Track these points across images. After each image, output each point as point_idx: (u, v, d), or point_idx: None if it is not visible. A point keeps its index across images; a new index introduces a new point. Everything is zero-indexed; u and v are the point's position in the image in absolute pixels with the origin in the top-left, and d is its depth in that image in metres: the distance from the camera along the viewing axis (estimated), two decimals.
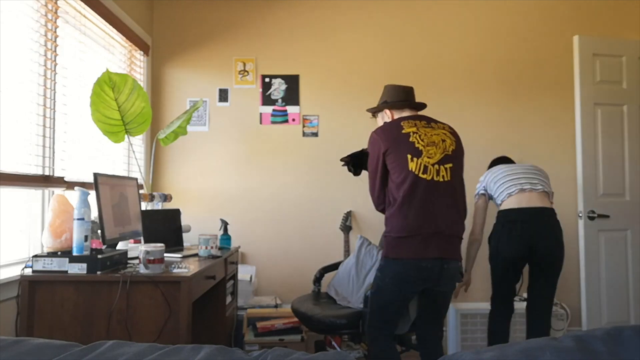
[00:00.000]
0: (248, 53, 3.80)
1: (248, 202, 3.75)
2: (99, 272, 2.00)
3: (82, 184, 2.70)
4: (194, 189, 3.76)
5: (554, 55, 3.80)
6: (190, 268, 2.16)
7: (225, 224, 3.17)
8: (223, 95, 3.79)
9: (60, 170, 2.53)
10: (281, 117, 3.77)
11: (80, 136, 2.78)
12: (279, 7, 3.82)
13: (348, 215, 3.62)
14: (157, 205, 3.29)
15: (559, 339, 0.94)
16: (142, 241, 2.68)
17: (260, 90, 3.78)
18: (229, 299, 3.05)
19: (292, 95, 3.78)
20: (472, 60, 3.80)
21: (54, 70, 2.46)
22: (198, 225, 3.72)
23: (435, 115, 3.75)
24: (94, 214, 2.40)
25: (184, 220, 3.73)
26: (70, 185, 2.56)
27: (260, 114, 3.78)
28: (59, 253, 2.06)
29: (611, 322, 3.55)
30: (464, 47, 3.80)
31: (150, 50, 3.77)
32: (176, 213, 3.00)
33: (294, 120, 3.77)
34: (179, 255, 2.58)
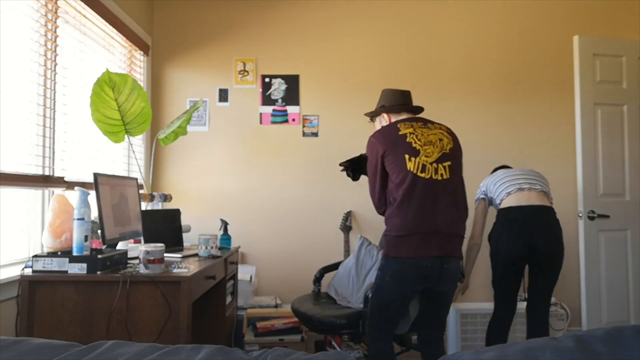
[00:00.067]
0: (248, 53, 3.80)
1: (248, 202, 3.75)
2: (99, 272, 2.00)
3: (82, 184, 2.70)
4: (194, 189, 3.76)
5: (554, 55, 3.80)
6: (190, 268, 2.16)
7: (225, 224, 3.17)
8: (223, 95, 3.79)
9: (60, 170, 2.53)
10: (281, 117, 3.77)
11: (80, 136, 2.78)
12: (279, 7, 3.82)
13: (348, 215, 3.63)
14: (157, 205, 3.29)
15: (559, 339, 0.94)
16: (142, 241, 2.68)
17: (260, 90, 3.78)
18: (229, 299, 3.05)
19: (292, 95, 3.78)
20: (473, 60, 3.80)
21: (54, 70, 2.46)
22: (198, 225, 3.72)
23: (436, 115, 3.75)
24: (94, 214, 2.40)
25: (184, 220, 3.73)
26: (70, 185, 2.56)
27: (260, 114, 3.78)
28: (59, 253, 2.06)
29: (611, 322, 3.55)
30: (464, 48, 3.80)
31: (150, 50, 3.77)
32: (176, 213, 3.00)
33: (294, 120, 3.77)
34: (179, 255, 2.58)
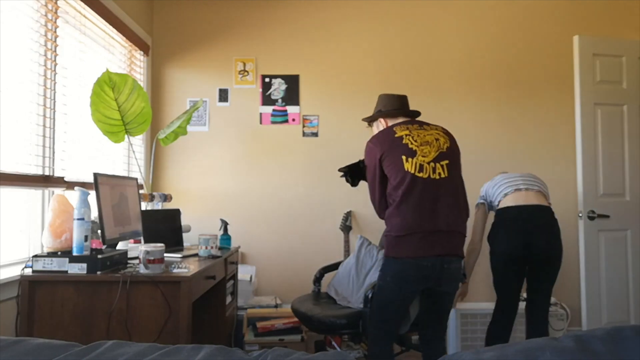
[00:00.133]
0: (248, 53, 3.80)
1: (248, 202, 3.75)
2: (99, 272, 2.00)
3: (82, 184, 2.70)
4: (194, 189, 3.76)
5: (554, 55, 3.80)
6: (190, 268, 2.16)
7: (225, 224, 3.17)
8: (223, 95, 3.78)
9: (60, 170, 2.53)
10: (281, 117, 3.77)
11: (80, 136, 2.78)
12: (279, 7, 3.82)
13: (348, 215, 3.63)
14: (157, 205, 3.29)
15: (559, 339, 0.94)
16: (142, 241, 2.68)
17: (260, 90, 3.78)
18: (229, 299, 3.05)
19: (292, 95, 3.78)
20: (473, 60, 3.80)
21: (54, 70, 2.46)
22: (198, 225, 3.72)
23: (436, 115, 3.76)
24: (94, 214, 2.40)
25: (184, 220, 3.73)
26: (70, 185, 2.56)
27: (260, 114, 3.78)
28: (59, 253, 2.06)
29: (611, 322, 3.55)
30: (465, 48, 3.80)
31: (150, 50, 3.77)
32: (176, 213, 3.00)
33: (294, 120, 3.77)
34: (179, 255, 2.58)
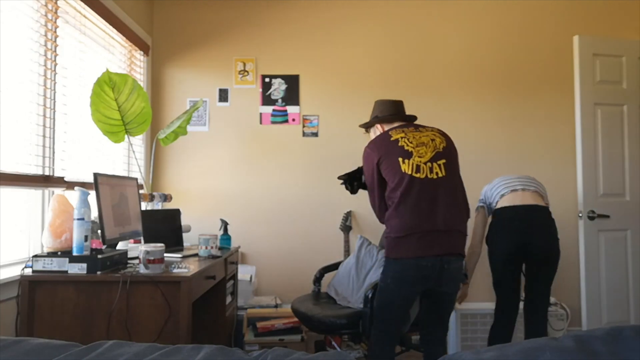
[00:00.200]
0: (248, 53, 3.80)
1: (248, 202, 3.75)
2: (99, 272, 2.00)
3: (82, 184, 2.70)
4: (194, 189, 3.76)
5: (554, 55, 3.80)
6: (190, 268, 2.16)
7: (225, 224, 3.17)
8: (223, 95, 3.78)
9: (60, 170, 2.53)
10: (281, 117, 3.77)
11: (80, 136, 2.78)
12: (279, 7, 3.82)
13: (348, 215, 3.62)
14: (157, 205, 3.29)
15: (559, 339, 0.94)
16: (142, 241, 2.68)
17: (260, 90, 3.78)
18: (229, 299, 3.05)
19: (292, 95, 3.78)
20: (473, 60, 3.80)
21: (54, 70, 2.46)
22: (198, 225, 3.72)
23: (436, 115, 3.76)
24: (94, 214, 2.40)
25: (184, 220, 3.73)
26: (70, 185, 2.56)
27: (260, 114, 3.77)
28: (59, 253, 2.06)
29: (611, 322, 3.55)
30: (464, 48, 3.80)
31: (150, 50, 3.76)
32: (176, 213, 3.00)
33: (294, 120, 3.77)
34: (179, 255, 2.58)
